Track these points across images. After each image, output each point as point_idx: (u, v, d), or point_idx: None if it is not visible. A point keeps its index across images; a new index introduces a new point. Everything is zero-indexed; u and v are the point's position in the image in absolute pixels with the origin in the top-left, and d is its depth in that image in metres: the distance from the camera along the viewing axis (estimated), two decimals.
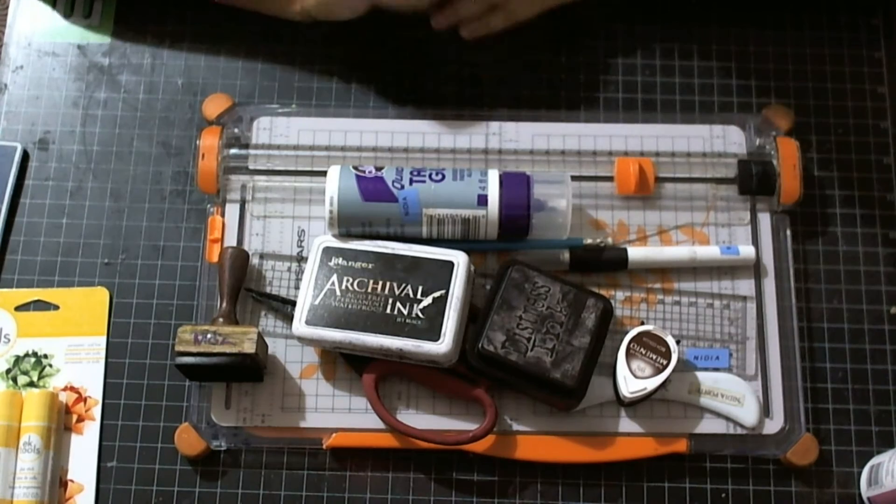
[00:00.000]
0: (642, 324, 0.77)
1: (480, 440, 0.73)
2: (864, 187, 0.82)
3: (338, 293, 0.74)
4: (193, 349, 0.73)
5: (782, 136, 0.81)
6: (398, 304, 0.73)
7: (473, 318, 0.75)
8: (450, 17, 0.85)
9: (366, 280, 0.74)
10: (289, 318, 0.76)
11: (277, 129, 0.82)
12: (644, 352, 0.73)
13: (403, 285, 0.74)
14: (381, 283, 0.74)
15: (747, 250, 0.78)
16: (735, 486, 0.75)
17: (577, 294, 0.74)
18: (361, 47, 0.86)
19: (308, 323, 0.73)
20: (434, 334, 0.72)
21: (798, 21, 0.87)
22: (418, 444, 0.74)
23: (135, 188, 0.82)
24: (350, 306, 0.73)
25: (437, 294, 0.73)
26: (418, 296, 0.73)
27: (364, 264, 0.75)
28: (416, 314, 0.73)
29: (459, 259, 0.74)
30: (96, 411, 0.77)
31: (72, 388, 0.77)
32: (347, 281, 0.74)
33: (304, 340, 0.74)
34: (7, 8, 0.88)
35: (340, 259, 0.75)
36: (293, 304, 0.75)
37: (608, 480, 0.75)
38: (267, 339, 0.77)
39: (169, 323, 0.79)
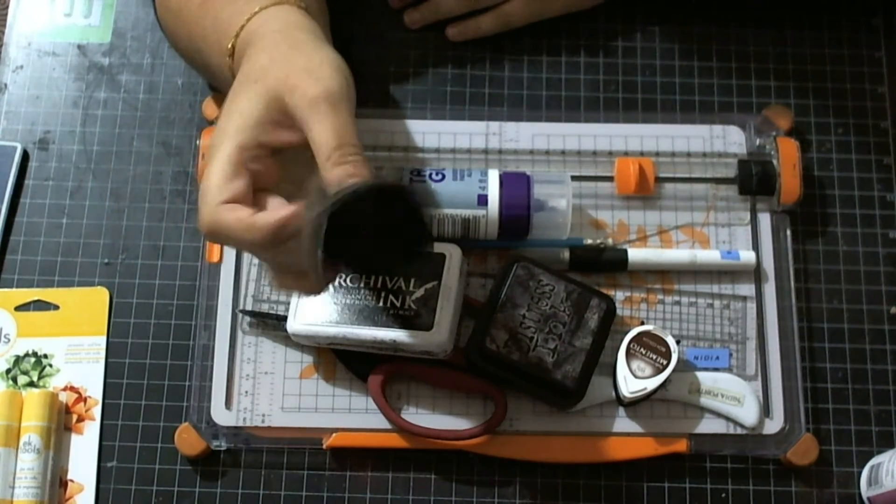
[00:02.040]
0: (642, 324, 0.77)
1: (488, 433, 0.74)
2: (864, 187, 0.82)
3: (331, 289, 0.73)
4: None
5: (782, 136, 0.81)
6: (390, 297, 0.73)
7: (471, 314, 0.75)
8: (426, 14, 0.85)
9: (358, 275, 0.74)
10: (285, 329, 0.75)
11: None
12: (644, 352, 0.73)
13: (395, 278, 0.73)
14: (373, 277, 0.74)
15: (748, 255, 0.78)
16: (735, 486, 0.75)
17: (582, 293, 0.74)
18: (359, 46, 0.86)
19: (302, 320, 0.73)
20: (427, 324, 0.72)
21: (798, 21, 0.87)
22: (418, 443, 0.74)
23: (135, 188, 0.82)
24: (343, 301, 0.73)
25: (429, 285, 0.73)
26: (411, 287, 0.73)
27: None
28: (409, 305, 0.72)
29: (452, 251, 0.74)
30: (96, 411, 0.76)
31: (72, 388, 0.77)
32: (340, 278, 0.74)
33: (298, 337, 0.74)
34: (7, 8, 0.88)
35: None
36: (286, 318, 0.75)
37: (608, 480, 0.75)
38: (265, 340, 0.77)
39: (169, 323, 0.79)
